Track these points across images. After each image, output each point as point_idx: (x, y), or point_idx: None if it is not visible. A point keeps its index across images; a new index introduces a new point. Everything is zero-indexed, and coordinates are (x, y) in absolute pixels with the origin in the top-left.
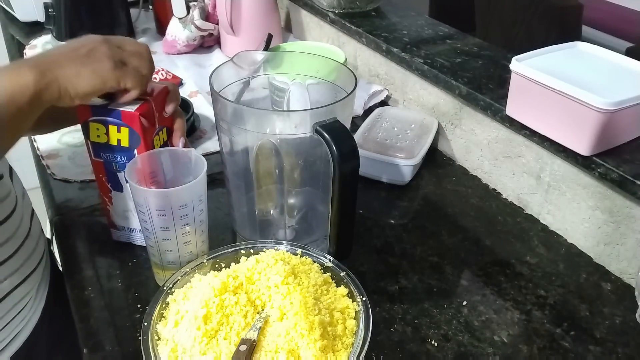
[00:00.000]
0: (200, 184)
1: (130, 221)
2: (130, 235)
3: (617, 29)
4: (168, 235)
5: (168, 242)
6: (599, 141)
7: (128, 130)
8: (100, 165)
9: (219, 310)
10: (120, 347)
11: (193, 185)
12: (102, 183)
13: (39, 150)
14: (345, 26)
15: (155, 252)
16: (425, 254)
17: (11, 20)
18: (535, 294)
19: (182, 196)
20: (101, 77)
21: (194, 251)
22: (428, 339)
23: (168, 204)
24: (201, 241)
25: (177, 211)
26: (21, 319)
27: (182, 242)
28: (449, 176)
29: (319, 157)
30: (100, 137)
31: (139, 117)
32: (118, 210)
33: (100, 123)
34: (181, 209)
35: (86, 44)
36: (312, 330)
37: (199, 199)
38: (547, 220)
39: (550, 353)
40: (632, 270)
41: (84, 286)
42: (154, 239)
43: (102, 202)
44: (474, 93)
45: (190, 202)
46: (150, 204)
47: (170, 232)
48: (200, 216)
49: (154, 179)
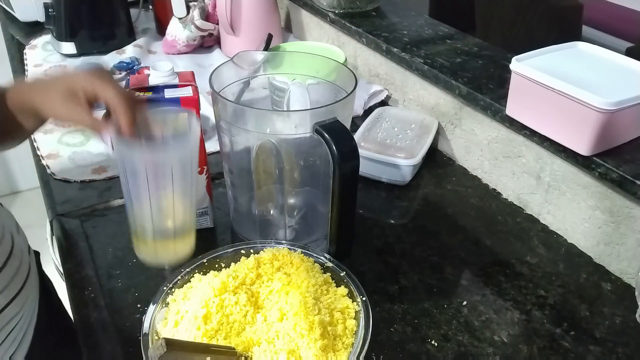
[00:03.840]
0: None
1: None
2: None
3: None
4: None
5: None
6: (599, 141)
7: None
8: None
9: (219, 310)
10: (121, 347)
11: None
12: None
13: (39, 150)
14: (345, 26)
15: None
16: (425, 254)
17: (11, 20)
18: (535, 294)
19: (160, 163)
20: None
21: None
22: (428, 339)
23: (142, 169)
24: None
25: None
26: (12, 340)
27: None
28: (449, 176)
29: (319, 157)
30: None
31: (198, 99)
32: None
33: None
34: (158, 176)
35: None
36: (312, 330)
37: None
38: (547, 220)
39: (550, 353)
40: (632, 270)
41: (84, 286)
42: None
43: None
44: (474, 93)
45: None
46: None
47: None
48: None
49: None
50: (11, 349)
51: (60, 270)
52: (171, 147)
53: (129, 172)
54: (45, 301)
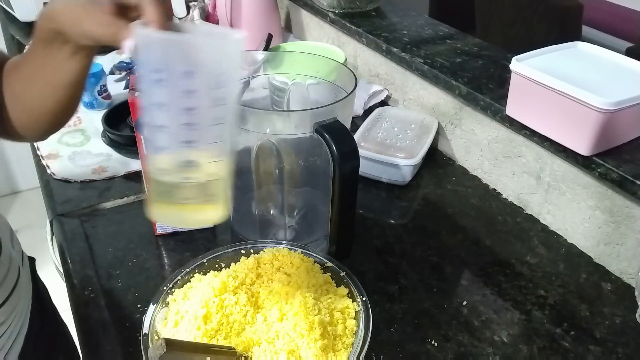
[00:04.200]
0: (227, 53)
1: None
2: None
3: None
4: (194, 122)
5: (163, 131)
6: (599, 141)
7: None
8: None
9: (219, 310)
10: (120, 347)
11: (212, 46)
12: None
13: (39, 150)
14: (345, 26)
15: (168, 161)
16: (425, 254)
17: (11, 20)
18: (535, 294)
19: (191, 54)
20: None
21: (222, 163)
22: (428, 339)
23: (202, 64)
24: (212, 156)
25: (178, 80)
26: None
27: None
28: (449, 176)
29: (319, 157)
30: None
31: None
32: None
33: None
34: (186, 78)
35: None
36: (312, 330)
37: (219, 75)
38: (547, 220)
39: (550, 353)
40: (632, 270)
41: (84, 286)
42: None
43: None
44: (474, 93)
45: (201, 73)
46: (176, 61)
47: (198, 117)
48: (217, 108)
49: None
50: (4, 349)
51: (60, 270)
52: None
53: (150, 75)
54: (38, 308)
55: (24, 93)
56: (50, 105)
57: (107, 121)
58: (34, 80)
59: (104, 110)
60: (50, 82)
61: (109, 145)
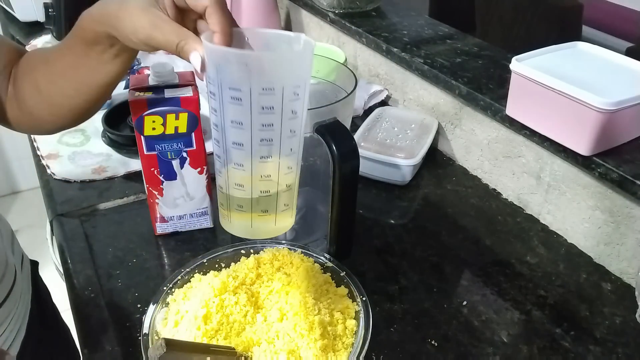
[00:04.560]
0: (303, 62)
1: (180, 207)
2: (178, 224)
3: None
4: (271, 138)
5: (239, 149)
6: (599, 141)
7: (187, 115)
8: (154, 158)
9: (219, 310)
10: (120, 347)
11: (290, 59)
12: (152, 176)
13: (39, 150)
14: (345, 26)
15: (246, 178)
16: (425, 254)
17: (11, 20)
18: (535, 294)
19: (269, 70)
20: None
21: (274, 179)
22: (428, 339)
23: (280, 79)
24: (286, 168)
25: (257, 97)
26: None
27: (259, 155)
28: (449, 176)
29: (319, 157)
30: (156, 129)
31: (198, 100)
32: (168, 200)
33: (157, 115)
34: (265, 94)
35: None
36: (312, 330)
37: (296, 87)
38: (547, 220)
39: (550, 353)
40: (632, 270)
41: (84, 286)
42: (222, 143)
43: (149, 198)
44: (474, 93)
45: (280, 87)
46: (254, 79)
47: (245, 132)
48: (292, 120)
49: None
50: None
51: (60, 270)
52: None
53: (226, 93)
54: (38, 311)
55: (53, 89)
56: (78, 103)
57: (107, 121)
58: (67, 78)
59: (104, 110)
60: (85, 81)
61: (109, 145)
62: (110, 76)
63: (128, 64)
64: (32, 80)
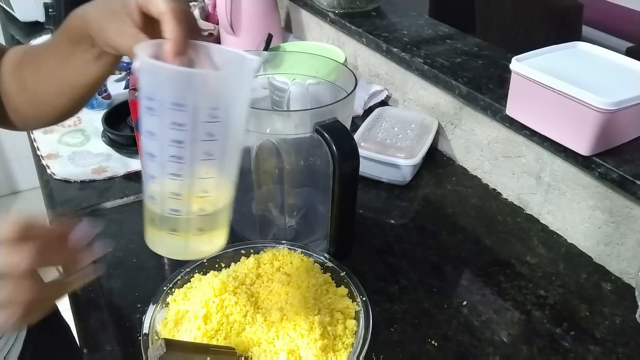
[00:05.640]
0: (226, 86)
1: None
2: None
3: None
4: (181, 156)
5: (152, 160)
6: (599, 141)
7: None
8: None
9: (219, 310)
10: (120, 347)
11: (235, 77)
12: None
13: (39, 150)
14: (345, 26)
15: (157, 191)
16: (425, 254)
17: (11, 20)
18: (535, 294)
19: (215, 90)
20: None
21: (211, 198)
22: (428, 339)
23: (191, 97)
24: (200, 191)
25: (203, 116)
26: (4, 342)
27: (168, 171)
28: (449, 176)
29: (319, 157)
30: None
31: None
32: None
33: None
34: (175, 109)
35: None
36: (312, 330)
37: (213, 109)
38: (547, 220)
39: (550, 353)
40: (632, 270)
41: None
42: (159, 164)
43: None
44: (474, 93)
45: (224, 106)
46: (165, 92)
47: (185, 150)
48: (208, 143)
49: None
50: (4, 350)
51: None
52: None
53: (143, 101)
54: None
55: (39, 87)
56: (63, 102)
57: (107, 121)
58: (53, 77)
59: (104, 110)
60: (69, 81)
61: (109, 145)
62: (92, 77)
63: (110, 67)
64: (19, 78)
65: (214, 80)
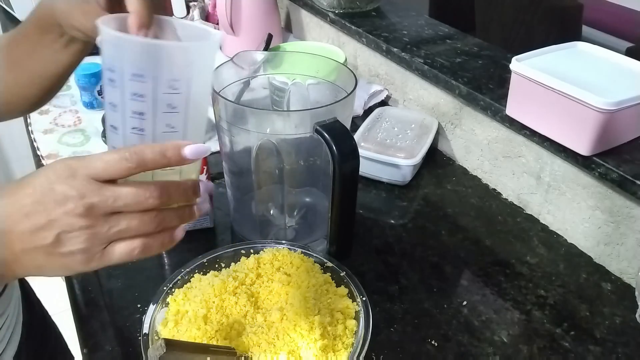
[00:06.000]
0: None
1: None
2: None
3: (617, 29)
4: (142, 128)
5: (114, 132)
6: (599, 141)
7: None
8: None
9: (219, 310)
10: (120, 347)
11: (194, 49)
12: None
13: (39, 150)
14: (345, 26)
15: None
16: (425, 254)
17: (11, 20)
18: (535, 294)
19: (175, 61)
20: (72, 272)
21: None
22: (428, 339)
23: (150, 67)
24: None
25: (163, 87)
26: (0, 339)
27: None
28: (449, 176)
29: (319, 157)
30: None
31: None
32: None
33: None
34: (135, 80)
35: (53, 219)
36: (312, 330)
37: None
38: (547, 220)
39: (550, 353)
40: (632, 270)
41: (84, 286)
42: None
43: None
44: (474, 93)
45: (185, 78)
46: (125, 62)
47: (147, 122)
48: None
49: None
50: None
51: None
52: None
53: (105, 73)
54: (27, 308)
55: (9, 78)
56: (32, 93)
57: None
58: (22, 67)
59: (104, 110)
60: (38, 71)
61: None
62: (62, 66)
63: (80, 55)
64: None
65: (172, 50)
